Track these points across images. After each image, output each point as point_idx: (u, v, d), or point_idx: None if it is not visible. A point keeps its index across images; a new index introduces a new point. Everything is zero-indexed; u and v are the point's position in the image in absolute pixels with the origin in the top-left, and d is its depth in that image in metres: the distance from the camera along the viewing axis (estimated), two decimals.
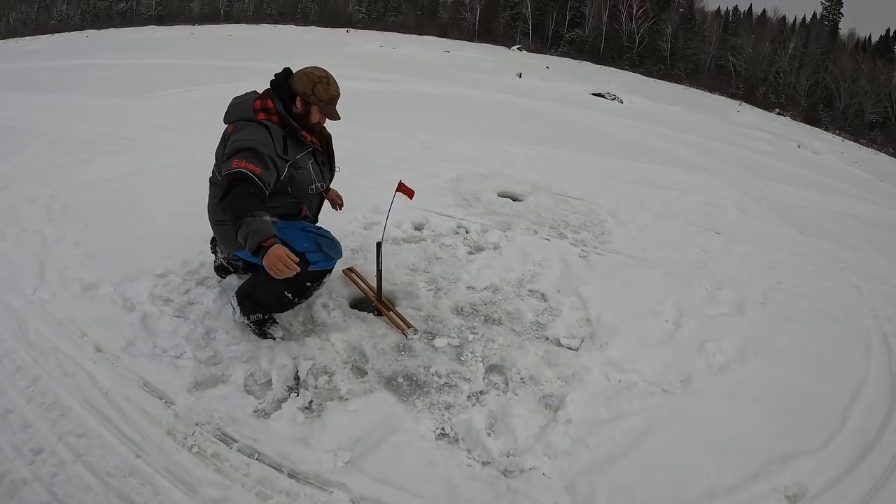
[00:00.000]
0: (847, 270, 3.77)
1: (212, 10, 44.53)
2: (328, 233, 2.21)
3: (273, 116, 2.03)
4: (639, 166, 5.99)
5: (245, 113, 2.04)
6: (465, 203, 3.89)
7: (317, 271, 2.11)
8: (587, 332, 2.53)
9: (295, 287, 2.11)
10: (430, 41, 30.57)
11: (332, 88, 2.08)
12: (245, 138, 1.94)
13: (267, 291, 2.13)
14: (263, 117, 2.01)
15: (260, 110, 2.03)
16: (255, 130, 1.97)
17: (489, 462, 1.81)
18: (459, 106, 8.85)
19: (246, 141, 1.92)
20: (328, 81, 2.07)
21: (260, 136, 1.95)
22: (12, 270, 2.56)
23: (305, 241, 2.08)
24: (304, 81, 2.05)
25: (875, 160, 18.10)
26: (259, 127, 1.98)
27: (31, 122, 5.20)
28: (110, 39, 22.37)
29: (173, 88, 7.82)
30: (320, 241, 2.11)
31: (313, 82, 2.04)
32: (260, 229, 1.73)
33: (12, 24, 37.92)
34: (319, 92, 2.05)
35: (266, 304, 2.18)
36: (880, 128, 30.13)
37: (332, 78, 2.10)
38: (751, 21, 41.92)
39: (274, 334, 2.24)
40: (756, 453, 1.94)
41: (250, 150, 1.90)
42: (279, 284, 2.00)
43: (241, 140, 1.94)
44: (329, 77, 2.09)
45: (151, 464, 1.66)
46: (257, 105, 2.04)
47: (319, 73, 2.07)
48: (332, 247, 2.15)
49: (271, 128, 1.99)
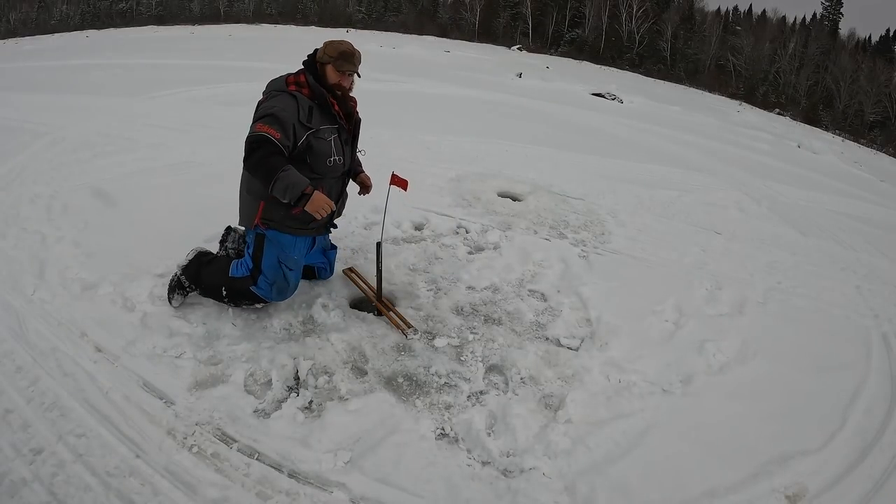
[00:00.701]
0: (847, 270, 3.77)
1: (212, 10, 44.48)
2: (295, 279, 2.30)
3: (304, 89, 2.15)
4: (639, 166, 5.98)
5: (278, 85, 2.18)
6: (465, 203, 3.89)
7: (255, 293, 2.26)
8: (587, 332, 2.53)
9: (234, 293, 2.28)
10: (430, 41, 30.55)
11: (344, 45, 2.19)
12: (270, 105, 2.08)
13: (214, 277, 2.30)
14: (294, 89, 2.15)
15: (292, 83, 2.17)
16: (282, 98, 2.11)
17: (489, 462, 1.81)
18: (459, 106, 8.85)
19: (270, 108, 2.07)
20: (340, 41, 2.20)
21: (285, 103, 2.09)
22: (12, 270, 2.56)
23: (272, 270, 2.23)
24: (321, 50, 2.20)
25: (875, 160, 18.09)
26: (287, 96, 2.12)
27: (31, 122, 5.20)
28: (110, 39, 22.35)
29: (173, 88, 7.81)
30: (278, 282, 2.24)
31: (325, 45, 2.19)
32: (297, 181, 1.98)
33: (12, 24, 37.91)
34: (329, 50, 2.17)
35: (205, 282, 2.32)
36: (880, 128, 30.10)
37: (347, 41, 2.22)
38: (751, 21, 41.91)
39: (173, 302, 2.34)
40: (756, 453, 1.94)
41: (272, 115, 2.05)
42: (227, 282, 2.26)
43: (266, 107, 2.09)
44: (341, 39, 2.23)
45: (151, 464, 1.66)
46: (290, 79, 2.18)
47: (331, 39, 2.24)
48: (281, 292, 2.27)
49: (299, 98, 2.12)
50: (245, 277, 2.25)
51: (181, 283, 2.35)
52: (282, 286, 2.25)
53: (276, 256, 2.22)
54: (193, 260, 2.37)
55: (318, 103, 2.16)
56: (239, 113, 6.28)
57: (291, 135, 2.07)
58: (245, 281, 2.25)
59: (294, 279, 2.30)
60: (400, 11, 44.16)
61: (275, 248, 2.22)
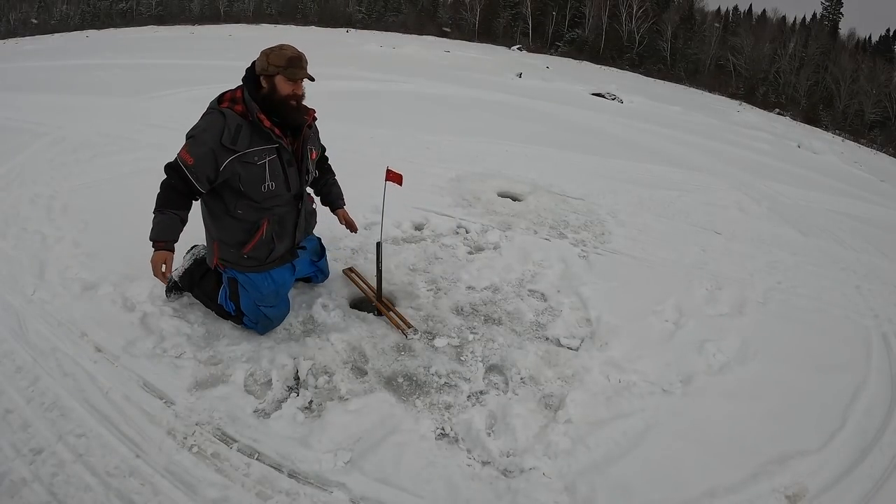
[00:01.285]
0: (847, 270, 3.77)
1: (212, 10, 44.50)
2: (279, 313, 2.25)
3: (237, 106, 1.97)
4: (639, 166, 5.98)
5: (213, 102, 2.02)
6: (465, 203, 3.89)
7: None
8: (587, 332, 2.53)
9: (225, 316, 2.28)
10: (430, 41, 30.56)
11: (288, 51, 1.96)
12: (196, 125, 1.97)
13: (205, 299, 2.32)
14: (226, 105, 1.97)
15: (226, 100, 1.99)
16: (207, 117, 1.97)
17: (489, 462, 1.81)
18: (459, 106, 8.84)
19: (194, 128, 1.96)
20: (281, 47, 1.97)
21: (208, 123, 1.94)
22: (12, 270, 2.56)
23: (252, 312, 2.19)
24: (260, 60, 1.97)
25: (875, 160, 18.10)
26: (216, 114, 1.95)
27: (31, 122, 5.20)
28: (110, 39, 22.35)
29: (173, 88, 7.81)
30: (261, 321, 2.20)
31: (266, 55, 1.96)
32: (158, 228, 1.96)
33: (12, 24, 37.90)
34: (274, 60, 1.94)
35: (199, 297, 2.34)
36: (880, 128, 30.10)
37: (289, 45, 2.00)
38: (751, 21, 41.91)
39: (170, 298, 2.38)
40: (756, 453, 1.94)
41: (192, 137, 1.95)
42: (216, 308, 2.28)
43: (193, 127, 1.98)
44: (282, 45, 1.99)
45: (151, 464, 1.66)
46: (226, 95, 2.01)
47: (271, 47, 1.98)
48: (267, 327, 2.24)
49: (228, 116, 1.94)
50: (233, 316, 2.23)
51: (178, 286, 2.38)
52: (265, 324, 2.21)
53: (252, 300, 2.15)
54: (189, 270, 2.36)
55: (250, 121, 1.95)
56: None
57: (211, 160, 1.91)
58: (234, 318, 2.24)
59: (277, 313, 2.24)
60: (400, 11, 44.17)
61: (248, 291, 2.15)
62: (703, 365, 2.39)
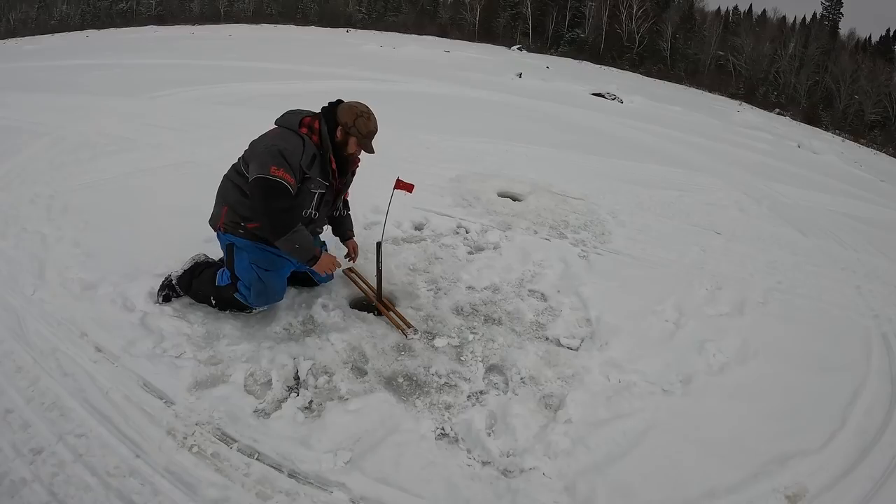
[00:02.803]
0: (847, 270, 3.77)
1: (212, 10, 44.47)
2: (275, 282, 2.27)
3: (314, 136, 2.18)
4: (639, 166, 5.99)
5: (291, 123, 2.19)
6: (465, 203, 3.89)
7: (238, 300, 2.27)
8: (587, 332, 2.53)
9: (222, 301, 2.33)
10: (430, 41, 30.55)
11: (372, 124, 2.22)
12: (282, 144, 2.10)
13: (204, 287, 2.35)
14: (305, 132, 2.17)
15: (306, 126, 2.18)
16: (290, 139, 2.14)
17: (489, 462, 1.81)
18: (459, 106, 8.85)
19: (283, 147, 2.09)
20: (368, 117, 2.21)
21: (293, 145, 2.11)
22: (12, 270, 2.56)
23: (246, 274, 2.23)
24: (348, 113, 2.19)
25: (875, 160, 18.10)
26: (296, 138, 2.14)
27: (31, 122, 5.20)
28: (110, 39, 22.36)
29: (173, 88, 7.82)
30: (254, 284, 2.23)
31: (356, 115, 2.19)
32: (308, 245, 2.14)
33: (12, 24, 37.89)
34: (360, 125, 2.19)
35: (195, 292, 2.37)
36: (880, 128, 30.09)
37: (373, 115, 2.24)
38: (751, 21, 41.89)
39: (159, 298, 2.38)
40: (756, 453, 1.94)
41: (283, 157, 2.07)
42: (214, 291, 2.31)
43: (278, 144, 2.10)
44: (370, 113, 2.23)
45: (151, 464, 1.66)
46: (305, 121, 2.19)
47: (362, 109, 2.22)
48: (260, 294, 2.24)
49: (307, 143, 2.15)
50: (228, 285, 2.28)
51: (173, 287, 2.38)
52: (259, 288, 2.23)
53: (247, 259, 2.24)
54: (188, 271, 2.38)
55: (321, 154, 2.19)
56: (239, 113, 6.30)
57: (299, 177, 2.13)
58: (229, 288, 2.27)
59: (273, 281, 2.26)
60: (400, 11, 44.15)
61: (244, 251, 2.25)
62: (703, 365, 2.39)
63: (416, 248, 3.13)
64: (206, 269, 2.39)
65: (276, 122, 2.24)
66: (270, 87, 8.63)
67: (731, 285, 3.16)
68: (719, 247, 3.78)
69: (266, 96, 7.64)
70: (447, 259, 3.06)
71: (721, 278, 3.24)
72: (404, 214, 3.45)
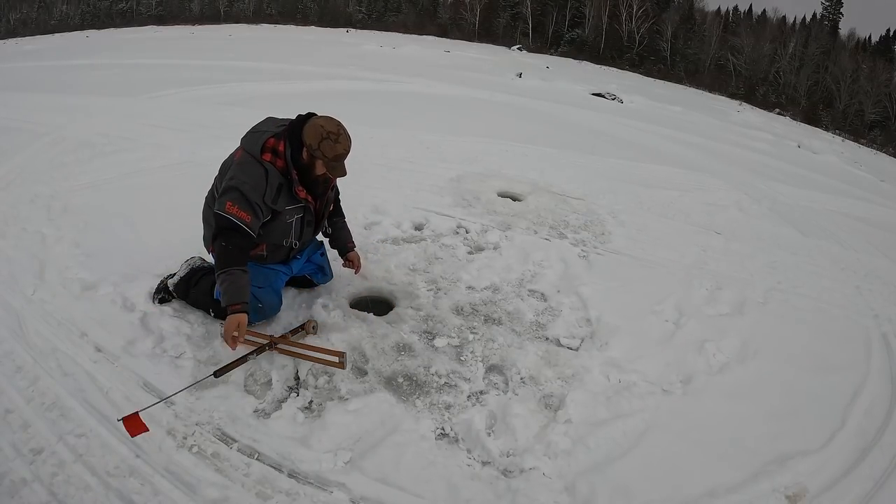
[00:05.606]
0: (847, 270, 3.77)
1: (212, 10, 44.50)
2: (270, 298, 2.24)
3: (278, 161, 2.04)
4: (639, 166, 5.99)
5: (254, 147, 2.04)
6: (465, 203, 3.89)
7: None
8: (587, 332, 2.53)
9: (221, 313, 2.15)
10: (430, 41, 30.55)
11: (340, 147, 2.02)
12: (241, 179, 1.99)
13: (201, 298, 2.30)
14: (269, 158, 2.03)
15: (269, 150, 2.03)
16: (253, 171, 2.01)
17: (489, 462, 1.81)
18: (459, 106, 8.85)
19: (242, 182, 1.98)
20: (336, 139, 2.01)
21: (255, 179, 1.99)
22: (12, 270, 2.56)
23: None
24: (313, 134, 2.01)
25: (875, 160, 18.08)
26: (258, 167, 2.01)
27: (31, 122, 5.20)
28: (110, 39, 22.36)
29: (173, 88, 7.82)
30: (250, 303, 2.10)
31: (321, 137, 2.00)
32: (232, 290, 1.93)
33: (12, 24, 37.90)
34: (325, 148, 2.01)
35: (192, 300, 2.34)
36: (880, 128, 30.09)
37: (344, 134, 2.04)
38: (751, 21, 41.89)
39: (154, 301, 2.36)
40: (756, 453, 1.94)
41: (241, 194, 1.97)
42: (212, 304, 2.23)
43: (237, 179, 1.99)
44: (339, 134, 2.03)
45: (151, 464, 1.66)
46: (269, 143, 2.04)
47: (329, 129, 2.02)
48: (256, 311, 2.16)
49: (270, 172, 2.01)
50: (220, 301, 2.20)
51: (169, 292, 2.37)
52: (254, 306, 2.14)
53: None
54: (185, 277, 2.34)
55: (287, 182, 2.06)
56: (239, 113, 6.29)
57: (260, 213, 2.02)
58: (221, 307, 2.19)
59: (268, 297, 2.23)
60: (400, 11, 44.15)
61: None
62: (703, 365, 2.39)
63: (415, 248, 3.13)
64: (203, 277, 2.32)
65: (241, 142, 2.11)
66: (270, 87, 8.63)
67: (731, 285, 3.16)
68: (719, 247, 3.78)
69: (266, 96, 7.64)
70: (447, 259, 3.06)
71: (721, 278, 3.24)
72: (404, 214, 3.45)
